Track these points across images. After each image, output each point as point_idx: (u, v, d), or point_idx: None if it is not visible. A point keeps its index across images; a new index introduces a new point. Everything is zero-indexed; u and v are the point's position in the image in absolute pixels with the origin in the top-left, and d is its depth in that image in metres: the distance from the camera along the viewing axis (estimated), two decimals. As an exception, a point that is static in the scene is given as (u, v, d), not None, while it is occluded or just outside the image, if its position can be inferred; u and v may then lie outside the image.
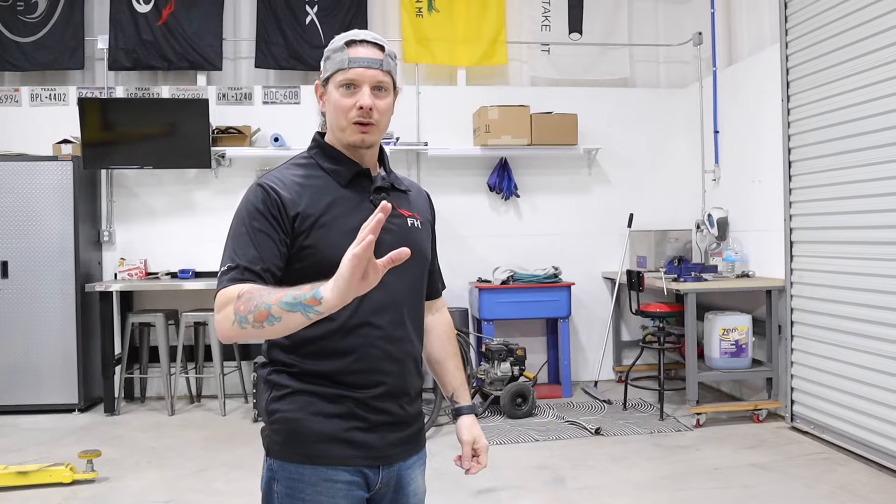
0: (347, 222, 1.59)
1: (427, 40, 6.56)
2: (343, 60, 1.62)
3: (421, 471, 1.80)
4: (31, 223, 5.76)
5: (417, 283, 1.75)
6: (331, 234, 1.59)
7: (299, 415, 1.61)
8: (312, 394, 1.62)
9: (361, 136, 1.64)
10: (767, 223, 5.46)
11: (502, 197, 6.66)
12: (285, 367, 1.64)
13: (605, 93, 6.80)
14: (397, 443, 1.69)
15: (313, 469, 1.60)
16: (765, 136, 5.51)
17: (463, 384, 1.90)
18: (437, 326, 1.91)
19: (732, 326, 5.30)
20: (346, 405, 1.62)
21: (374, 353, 1.63)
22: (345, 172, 1.68)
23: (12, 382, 5.73)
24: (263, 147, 6.29)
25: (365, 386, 1.63)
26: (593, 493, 4.00)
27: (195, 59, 6.27)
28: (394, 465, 1.70)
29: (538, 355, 6.54)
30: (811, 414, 4.94)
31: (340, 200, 1.64)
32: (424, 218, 1.81)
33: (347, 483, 1.62)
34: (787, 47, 5.14)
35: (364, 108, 1.61)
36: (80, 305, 5.81)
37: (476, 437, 1.86)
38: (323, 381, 1.62)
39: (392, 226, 1.64)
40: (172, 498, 3.99)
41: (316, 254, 1.58)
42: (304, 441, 1.61)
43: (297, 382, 1.63)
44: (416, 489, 1.77)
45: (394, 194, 1.73)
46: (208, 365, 6.23)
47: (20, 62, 6.20)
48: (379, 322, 1.63)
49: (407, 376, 1.70)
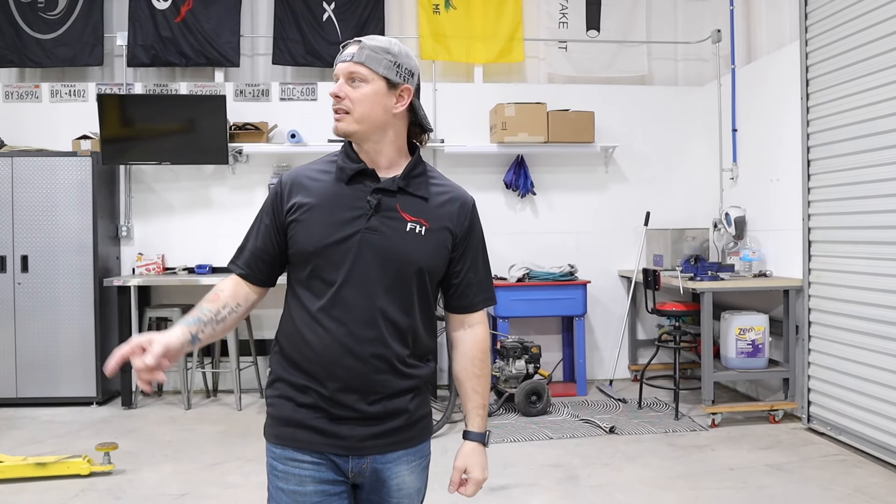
0: (332, 217, 1.71)
1: (444, 37, 6.56)
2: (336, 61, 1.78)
3: (411, 468, 1.79)
4: (51, 218, 5.82)
5: (399, 285, 1.72)
6: (308, 226, 1.71)
7: (276, 400, 1.78)
8: (287, 383, 1.76)
9: (336, 123, 1.75)
10: (785, 222, 5.41)
11: (518, 194, 6.65)
12: (277, 344, 1.81)
13: (622, 90, 6.76)
14: (369, 437, 1.73)
15: (282, 449, 1.75)
16: (783, 135, 5.46)
17: (477, 409, 1.85)
18: (464, 343, 1.86)
19: (749, 326, 5.27)
20: (312, 397, 1.72)
21: (335, 348, 1.69)
22: (348, 170, 1.76)
23: (32, 375, 5.80)
24: (280, 143, 6.32)
25: (323, 378, 1.70)
26: (607, 491, 3.99)
27: (213, 55, 6.31)
28: (366, 457, 1.74)
29: (553, 353, 6.53)
30: (828, 415, 4.89)
31: (334, 196, 1.74)
32: (440, 226, 1.76)
33: (313, 464, 1.72)
34: (806, 45, 5.09)
35: (333, 96, 1.74)
36: (99, 300, 5.87)
37: (469, 466, 1.82)
38: (294, 369, 1.74)
39: (383, 227, 1.70)
40: (188, 491, 4.02)
41: (295, 243, 1.73)
42: (278, 424, 1.77)
43: (280, 369, 1.78)
44: (402, 484, 1.78)
45: (401, 197, 1.74)
46: (224, 360, 6.28)
47: (40, 59, 6.26)
48: (345, 319, 1.69)
49: (374, 376, 1.70)
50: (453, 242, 1.79)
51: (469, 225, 1.83)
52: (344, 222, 1.69)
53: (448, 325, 1.92)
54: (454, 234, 1.79)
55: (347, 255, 1.68)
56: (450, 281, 1.83)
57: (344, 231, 1.68)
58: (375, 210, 1.70)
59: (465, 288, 1.84)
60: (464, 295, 1.85)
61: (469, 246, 1.83)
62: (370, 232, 1.69)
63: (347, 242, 1.68)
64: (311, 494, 1.70)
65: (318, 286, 1.70)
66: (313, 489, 1.70)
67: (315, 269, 1.70)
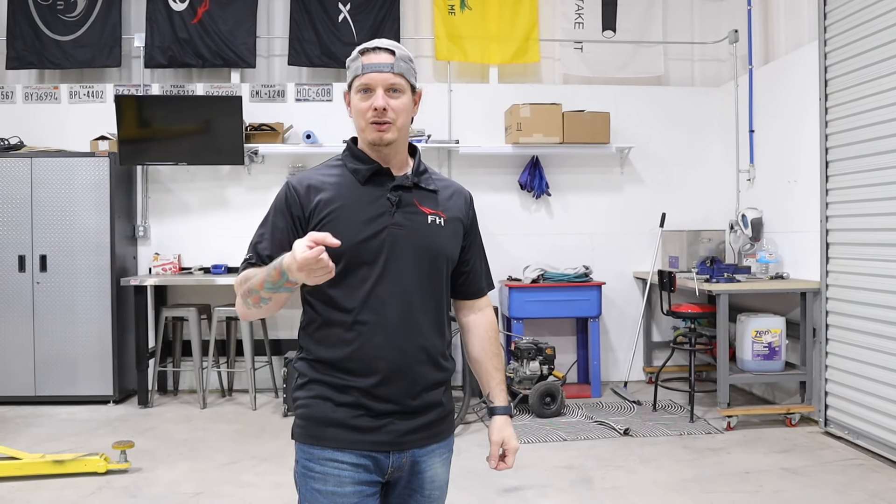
0: (358, 215, 1.74)
1: (459, 38, 6.55)
2: (358, 67, 1.77)
3: (442, 460, 1.86)
4: (69, 218, 5.88)
5: (431, 277, 1.81)
6: (337, 226, 1.70)
7: (312, 401, 1.77)
8: (324, 384, 1.76)
9: (379, 133, 1.76)
10: (803, 224, 5.37)
11: (533, 195, 6.64)
12: (307, 353, 1.80)
13: (638, 91, 6.73)
14: (410, 430, 1.77)
15: (321, 450, 1.74)
16: (801, 136, 5.41)
17: (500, 384, 1.95)
18: (478, 326, 1.97)
19: (765, 328, 5.22)
20: (353, 395, 1.74)
21: (377, 342, 1.72)
22: (364, 171, 1.80)
23: (50, 374, 5.86)
24: (296, 144, 6.35)
25: (366, 374, 1.72)
26: (620, 493, 3.97)
27: (229, 56, 6.34)
28: (406, 451, 1.77)
29: (568, 355, 6.51)
30: (845, 419, 4.85)
31: (355, 196, 1.77)
32: (453, 217, 1.87)
33: (353, 465, 1.73)
34: (825, 45, 5.05)
35: (378, 109, 1.74)
36: (116, 299, 5.91)
37: (506, 438, 1.89)
38: (331, 370, 1.75)
39: (408, 221, 1.78)
40: (203, 490, 4.05)
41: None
42: (315, 424, 1.75)
43: (312, 372, 1.78)
44: (434, 476, 1.84)
45: (416, 192, 1.82)
46: (239, 360, 6.31)
47: (59, 60, 6.33)
48: (383, 312, 1.73)
49: (416, 367, 1.77)
50: (464, 232, 1.91)
51: (473, 215, 1.98)
52: (370, 220, 1.74)
53: (459, 313, 2.01)
54: (464, 225, 1.91)
55: (380, 250, 1.73)
56: (461, 269, 1.93)
57: (372, 228, 1.73)
58: (397, 206, 1.77)
59: (474, 275, 1.97)
60: (474, 281, 1.97)
61: (474, 235, 1.97)
62: (396, 227, 1.75)
63: (377, 238, 1.73)
64: (350, 495, 1.72)
65: (353, 283, 1.73)
66: (352, 490, 1.72)
67: (347, 268, 1.72)
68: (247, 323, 5.79)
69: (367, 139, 1.79)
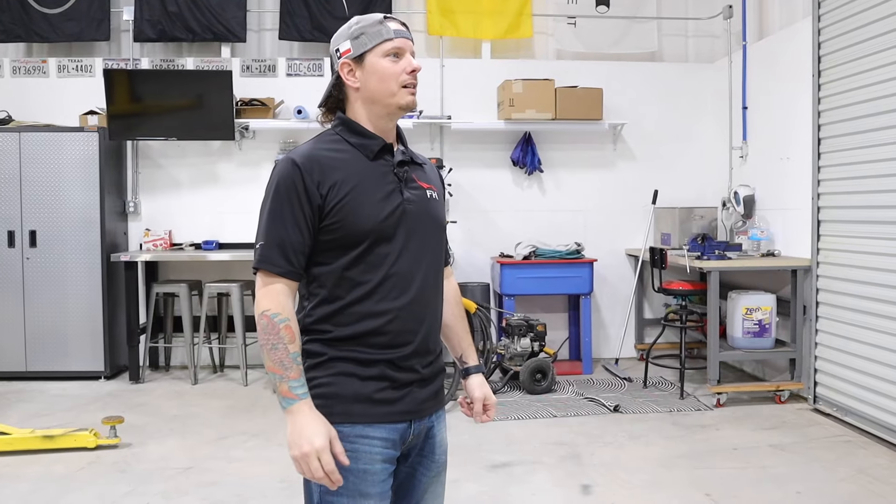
0: (374, 194, 1.71)
1: (451, 12, 6.48)
2: (386, 32, 1.74)
3: (445, 424, 1.94)
4: (58, 193, 5.84)
5: (438, 249, 1.86)
6: (358, 206, 1.69)
7: (335, 379, 1.71)
8: (347, 359, 1.71)
9: (412, 97, 1.76)
10: (794, 201, 5.36)
11: (526, 171, 6.61)
12: (320, 334, 1.73)
13: (632, 67, 6.68)
14: (427, 398, 1.81)
15: (351, 427, 1.70)
16: (794, 113, 5.38)
17: (470, 346, 2.05)
18: (447, 292, 2.00)
19: (756, 306, 5.23)
20: (379, 367, 1.72)
21: (404, 315, 1.74)
22: (372, 146, 1.76)
23: (41, 349, 5.85)
24: (287, 119, 6.30)
25: (396, 346, 1.73)
26: (609, 469, 3.99)
27: (219, 30, 6.27)
28: (424, 419, 1.82)
29: (560, 332, 6.52)
30: (834, 396, 4.87)
31: (367, 173, 1.73)
32: (438, 190, 1.91)
33: (382, 440, 1.72)
34: (819, 21, 5.00)
35: (416, 70, 1.75)
36: (106, 275, 5.89)
37: (486, 394, 2.00)
38: (357, 345, 1.71)
39: (414, 196, 1.78)
40: (192, 465, 4.06)
41: (348, 224, 1.68)
42: (341, 402, 1.70)
43: (331, 349, 1.72)
44: (442, 441, 1.91)
45: (413, 167, 1.84)
46: (231, 335, 6.31)
47: (47, 33, 6.24)
48: (406, 287, 1.74)
49: (431, 336, 1.82)
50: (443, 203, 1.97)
51: (444, 187, 2.04)
52: (385, 197, 1.73)
53: None
54: (442, 196, 1.95)
55: (399, 227, 1.73)
56: None
57: (390, 206, 1.72)
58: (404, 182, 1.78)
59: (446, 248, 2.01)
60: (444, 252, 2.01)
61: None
62: (408, 203, 1.76)
63: (395, 215, 1.72)
64: (379, 473, 1.71)
65: (374, 262, 1.71)
66: (381, 468, 1.71)
67: (371, 246, 1.70)
68: (238, 299, 5.78)
69: (399, 103, 1.73)
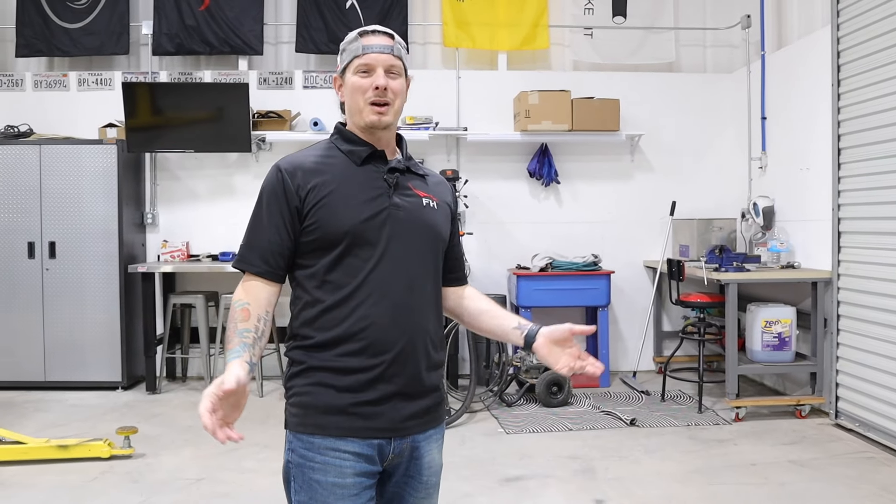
0: (357, 196, 1.72)
1: (467, 24, 6.49)
2: (358, 48, 1.75)
3: (438, 446, 1.85)
4: (78, 205, 5.90)
5: (429, 257, 1.80)
6: (336, 207, 1.70)
7: (312, 389, 1.71)
8: (325, 369, 1.70)
9: (378, 116, 1.74)
10: (815, 212, 5.28)
11: (542, 183, 6.58)
12: (303, 340, 1.73)
13: (649, 77, 6.64)
14: (412, 415, 1.75)
15: (322, 439, 1.69)
16: (814, 123, 5.31)
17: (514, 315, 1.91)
18: (471, 294, 1.97)
19: (775, 319, 5.15)
20: (356, 377, 1.69)
21: (383, 323, 1.69)
22: (360, 152, 1.78)
23: (59, 359, 5.90)
24: (303, 131, 6.33)
25: (371, 356, 1.69)
26: (623, 483, 3.93)
27: (236, 43, 6.32)
28: (407, 437, 1.75)
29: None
30: (856, 411, 4.77)
31: (352, 177, 1.75)
32: (442, 202, 1.87)
33: (354, 455, 1.69)
34: (838, 29, 4.94)
35: (380, 88, 1.73)
36: (124, 286, 5.94)
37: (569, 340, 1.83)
38: (332, 355, 1.69)
39: (406, 203, 1.76)
40: (204, 475, 4.06)
41: (323, 226, 1.69)
42: (315, 412, 1.70)
43: (311, 358, 1.71)
44: (431, 462, 1.82)
45: (409, 176, 1.82)
46: (247, 347, 6.32)
47: (68, 48, 6.34)
48: (387, 292, 1.71)
49: (418, 349, 1.74)
50: (451, 218, 1.92)
51: (456, 203, 2.00)
52: (369, 200, 1.72)
53: (448, 301, 1.96)
54: (451, 211, 1.92)
55: (381, 231, 1.71)
56: (448, 255, 1.92)
57: (373, 208, 1.72)
58: (394, 188, 1.76)
59: (459, 262, 1.99)
60: (459, 267, 1.99)
61: (456, 224, 1.97)
62: (395, 208, 1.74)
63: (378, 218, 1.71)
64: (351, 487, 1.68)
65: (353, 265, 1.70)
66: (352, 481, 1.68)
67: (348, 249, 1.69)
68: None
69: (364, 121, 1.75)
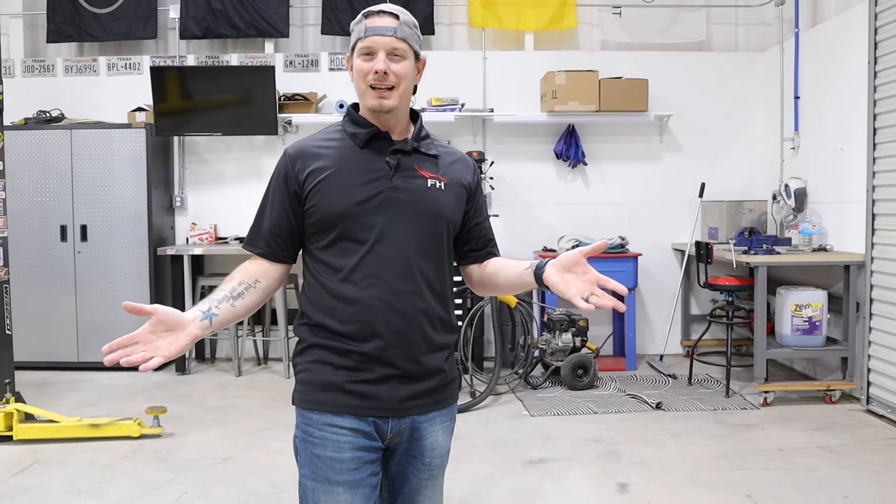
0: (353, 179, 1.73)
1: (494, 4, 6.42)
2: (361, 30, 1.74)
3: (443, 428, 1.85)
4: (108, 189, 5.99)
5: (430, 240, 1.78)
6: (332, 190, 1.72)
7: (312, 366, 1.76)
8: (323, 347, 1.74)
9: (379, 100, 1.73)
10: (848, 194, 5.16)
11: (569, 164, 6.52)
12: (307, 320, 1.79)
13: (678, 57, 6.52)
14: (411, 396, 1.76)
15: (320, 415, 1.73)
16: (849, 102, 5.17)
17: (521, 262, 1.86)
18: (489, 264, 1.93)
19: (806, 302, 5.06)
20: (353, 358, 1.72)
21: (376, 305, 1.71)
22: (362, 135, 1.78)
23: (92, 341, 6.02)
24: (329, 113, 6.33)
25: (366, 337, 1.71)
26: (648, 467, 3.91)
27: (263, 26, 6.33)
28: (405, 418, 1.77)
29: (603, 327, 6.42)
30: (888, 397, 4.68)
31: (351, 160, 1.76)
32: (455, 182, 1.84)
33: (352, 430, 1.72)
34: (876, 5, 4.80)
35: (379, 73, 1.71)
36: (154, 268, 6.03)
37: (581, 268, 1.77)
38: (331, 334, 1.73)
39: (406, 184, 1.76)
40: (231, 455, 4.12)
41: (320, 209, 1.73)
42: (314, 389, 1.75)
43: (312, 336, 1.77)
44: (435, 444, 1.83)
45: (416, 157, 1.81)
46: (274, 328, 6.39)
47: (97, 33, 6.40)
48: (382, 275, 1.71)
49: (416, 331, 1.74)
50: (468, 197, 1.88)
51: (478, 182, 1.93)
52: (366, 183, 1.73)
53: (473, 277, 1.97)
54: (468, 190, 1.88)
55: (377, 213, 1.72)
56: (470, 235, 1.91)
57: (369, 191, 1.72)
58: (395, 170, 1.75)
59: (486, 240, 1.94)
60: (481, 245, 1.94)
61: (479, 201, 1.94)
62: (394, 190, 1.74)
63: (374, 201, 1.72)
64: (349, 461, 1.71)
65: (349, 247, 1.72)
66: (350, 456, 1.71)
67: (343, 231, 1.72)
68: (281, 293, 5.85)
69: (366, 104, 1.76)
